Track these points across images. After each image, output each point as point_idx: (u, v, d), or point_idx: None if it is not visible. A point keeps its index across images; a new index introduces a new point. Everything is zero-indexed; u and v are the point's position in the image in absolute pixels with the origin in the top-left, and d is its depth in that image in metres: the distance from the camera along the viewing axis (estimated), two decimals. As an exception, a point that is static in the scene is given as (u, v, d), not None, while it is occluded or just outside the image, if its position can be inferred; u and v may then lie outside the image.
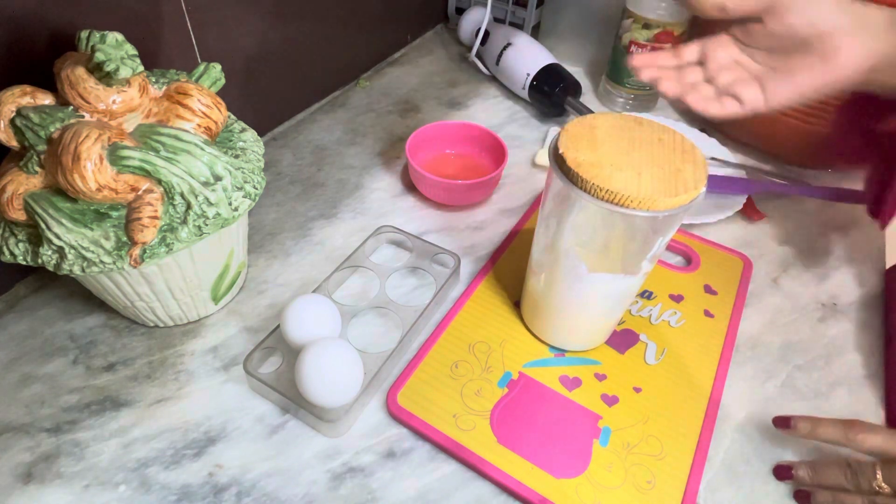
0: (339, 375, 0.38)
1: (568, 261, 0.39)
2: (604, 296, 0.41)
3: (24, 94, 0.36)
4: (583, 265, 0.38)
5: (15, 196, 0.36)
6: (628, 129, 0.37)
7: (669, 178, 0.33)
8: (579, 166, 0.33)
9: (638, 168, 0.34)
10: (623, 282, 0.39)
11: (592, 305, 0.42)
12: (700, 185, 0.33)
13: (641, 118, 0.38)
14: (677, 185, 0.33)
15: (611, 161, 0.34)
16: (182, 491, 0.37)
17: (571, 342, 0.45)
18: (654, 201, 0.32)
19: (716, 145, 0.66)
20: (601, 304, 0.42)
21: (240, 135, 0.43)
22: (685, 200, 0.33)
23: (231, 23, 0.55)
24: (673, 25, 0.66)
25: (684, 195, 0.32)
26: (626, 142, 0.36)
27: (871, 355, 0.47)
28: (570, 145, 0.35)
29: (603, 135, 0.36)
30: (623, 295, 0.41)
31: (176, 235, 0.37)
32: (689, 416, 0.41)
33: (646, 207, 0.32)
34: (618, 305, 0.42)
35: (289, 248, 0.53)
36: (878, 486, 0.35)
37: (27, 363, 0.43)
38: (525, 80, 0.71)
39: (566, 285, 0.40)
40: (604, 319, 0.44)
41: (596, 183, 0.32)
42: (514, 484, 0.37)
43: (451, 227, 0.57)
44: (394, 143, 0.67)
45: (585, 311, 0.42)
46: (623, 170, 0.33)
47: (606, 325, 0.45)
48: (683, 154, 0.35)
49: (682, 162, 0.34)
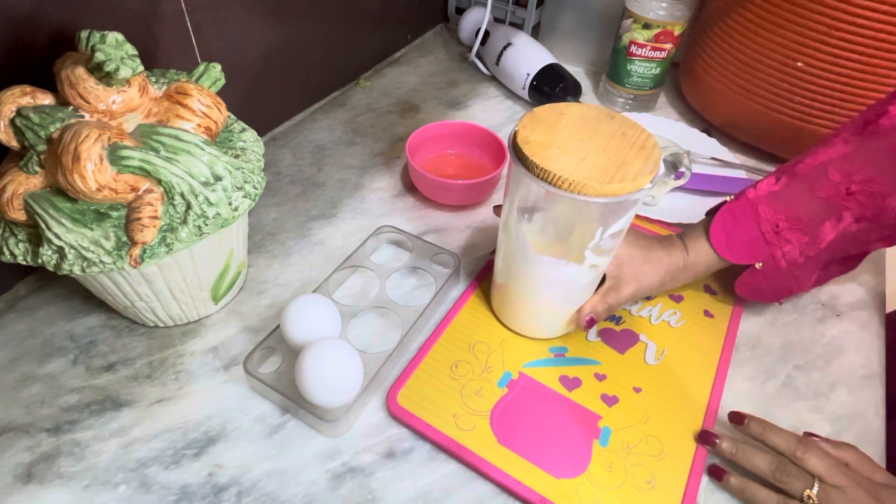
0: (339, 375, 0.38)
1: (517, 240, 0.40)
2: (549, 281, 0.41)
3: (24, 94, 0.36)
4: (529, 246, 0.39)
5: (15, 196, 0.36)
6: (597, 120, 0.37)
7: (611, 168, 0.34)
8: (526, 144, 0.35)
9: (584, 154, 0.34)
10: (566, 269, 0.40)
11: (540, 289, 0.42)
12: (640, 181, 0.33)
13: (617, 114, 0.38)
14: (615, 175, 0.33)
15: (560, 145, 0.35)
16: (182, 491, 0.37)
17: (527, 327, 0.46)
18: (584, 186, 0.33)
19: (716, 145, 0.66)
20: (548, 290, 0.42)
21: (240, 135, 0.43)
22: (617, 191, 0.33)
23: (231, 23, 0.55)
24: (673, 25, 0.66)
25: (618, 185, 0.33)
26: (588, 131, 0.36)
27: (871, 355, 0.47)
28: (528, 125, 0.36)
29: (567, 121, 0.37)
30: (569, 284, 0.41)
31: (176, 235, 0.37)
32: (689, 416, 0.41)
33: (576, 191, 0.33)
34: (565, 295, 0.43)
35: (289, 248, 0.53)
36: (809, 496, 0.35)
37: (27, 363, 0.43)
38: (525, 80, 0.71)
39: (517, 266, 0.42)
40: (554, 307, 0.44)
41: (535, 161, 0.34)
42: (514, 484, 0.37)
43: (451, 227, 0.57)
44: (394, 143, 0.67)
45: (535, 296, 0.43)
46: (568, 154, 0.34)
47: (558, 315, 0.45)
48: (640, 150, 0.35)
49: (633, 157, 0.35)
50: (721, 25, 0.64)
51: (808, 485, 0.36)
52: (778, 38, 0.58)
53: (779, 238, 0.44)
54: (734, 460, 0.38)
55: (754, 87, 0.62)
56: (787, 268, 0.45)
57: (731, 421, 0.40)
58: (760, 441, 0.38)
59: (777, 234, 0.44)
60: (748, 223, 0.45)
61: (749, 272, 0.46)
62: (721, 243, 0.45)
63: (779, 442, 0.37)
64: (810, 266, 0.45)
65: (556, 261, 0.39)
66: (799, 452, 0.36)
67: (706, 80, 0.68)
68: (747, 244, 0.45)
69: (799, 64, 0.58)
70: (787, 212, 0.44)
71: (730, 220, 0.46)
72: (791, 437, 0.37)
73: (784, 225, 0.44)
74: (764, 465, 0.37)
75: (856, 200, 0.42)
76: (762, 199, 0.45)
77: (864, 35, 0.53)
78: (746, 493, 0.37)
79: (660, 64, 0.70)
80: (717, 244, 0.45)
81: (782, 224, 0.44)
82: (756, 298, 0.49)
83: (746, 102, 0.64)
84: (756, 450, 0.38)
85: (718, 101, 0.68)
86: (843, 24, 0.54)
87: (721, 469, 0.38)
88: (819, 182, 0.43)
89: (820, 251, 0.44)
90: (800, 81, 0.59)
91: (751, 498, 0.37)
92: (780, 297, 0.49)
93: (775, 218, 0.44)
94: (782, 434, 0.38)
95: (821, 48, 0.56)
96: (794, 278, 0.46)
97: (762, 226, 0.44)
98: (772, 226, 0.44)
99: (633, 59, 0.69)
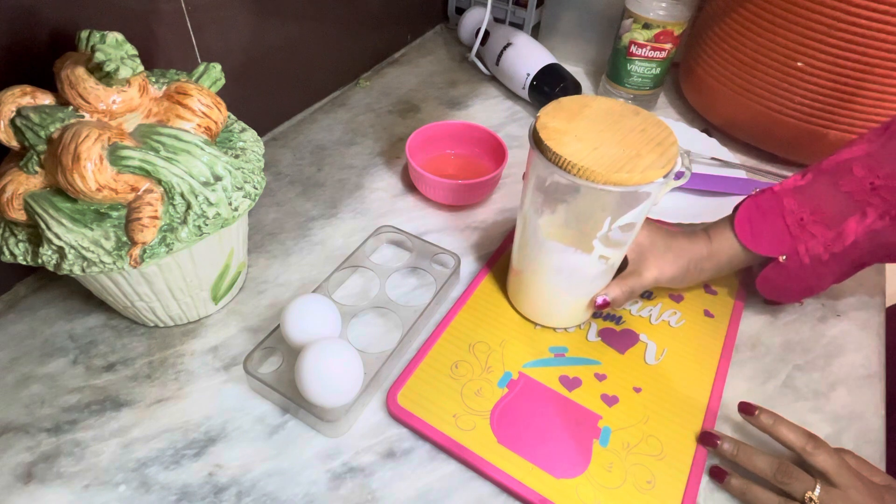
0: (339, 375, 0.38)
1: (530, 224, 0.41)
2: (558, 268, 0.42)
3: (24, 94, 0.36)
4: (540, 230, 0.40)
5: (15, 196, 0.36)
6: (620, 115, 0.38)
7: (623, 158, 0.34)
8: (544, 129, 0.36)
9: (598, 144, 0.35)
10: (574, 257, 0.40)
11: (550, 276, 0.43)
12: (651, 174, 0.34)
13: (643, 111, 0.38)
14: (625, 166, 0.34)
15: (577, 133, 0.36)
16: (182, 491, 0.37)
17: (538, 315, 0.47)
18: (591, 172, 0.33)
19: (716, 145, 0.66)
20: (557, 277, 0.43)
21: (240, 135, 0.43)
22: (625, 181, 0.34)
23: (231, 23, 0.55)
24: (673, 25, 0.66)
25: (626, 175, 0.33)
26: (608, 123, 0.37)
27: (871, 355, 0.47)
28: (550, 112, 0.37)
29: (590, 112, 0.38)
30: (577, 273, 0.42)
31: (176, 235, 0.37)
32: (689, 416, 0.41)
33: (584, 177, 0.34)
34: (574, 283, 0.43)
35: (289, 248, 0.53)
36: (811, 498, 0.35)
37: (27, 363, 0.43)
38: (525, 80, 0.71)
39: (529, 252, 0.43)
40: (564, 294, 0.44)
41: (549, 145, 0.35)
42: (514, 484, 0.37)
43: (451, 227, 0.57)
44: (394, 143, 0.67)
45: (546, 283, 0.44)
46: (583, 141, 0.35)
47: (568, 303, 0.45)
48: (657, 146, 0.36)
49: (648, 151, 0.35)
50: (721, 25, 0.64)
51: (809, 486, 0.35)
52: (778, 38, 0.58)
53: (803, 231, 0.44)
54: (735, 461, 0.38)
55: (754, 87, 0.62)
56: (811, 264, 0.44)
57: (741, 411, 0.39)
58: (770, 434, 0.38)
59: (802, 228, 0.44)
60: (773, 215, 0.45)
61: (771, 267, 0.46)
62: (746, 234, 0.45)
63: (789, 436, 0.37)
64: (834, 265, 0.44)
65: (564, 248, 0.40)
66: (809, 447, 0.36)
67: (706, 80, 0.68)
68: (772, 236, 0.45)
69: (799, 64, 0.58)
70: (812, 205, 0.44)
71: (755, 211, 0.45)
72: (801, 433, 0.37)
73: (809, 218, 0.44)
74: (765, 466, 0.37)
75: (879, 196, 0.41)
76: (788, 192, 0.45)
77: (864, 35, 0.53)
78: (748, 495, 0.37)
79: (660, 64, 0.70)
80: (742, 234, 0.45)
81: (807, 217, 0.44)
82: (777, 297, 0.48)
83: (746, 102, 0.64)
84: (757, 451, 0.38)
85: (718, 101, 0.68)
86: (843, 24, 0.54)
87: (722, 470, 0.38)
88: (843, 177, 0.43)
89: (845, 248, 0.43)
90: (800, 81, 0.59)
91: (752, 499, 0.37)
92: (802, 297, 0.48)
93: (800, 211, 0.44)
94: (793, 428, 0.37)
95: (821, 48, 0.56)
96: (816, 276, 0.45)
97: (787, 218, 0.44)
98: (796, 219, 0.44)
99: (633, 59, 0.69)
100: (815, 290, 0.47)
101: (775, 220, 0.45)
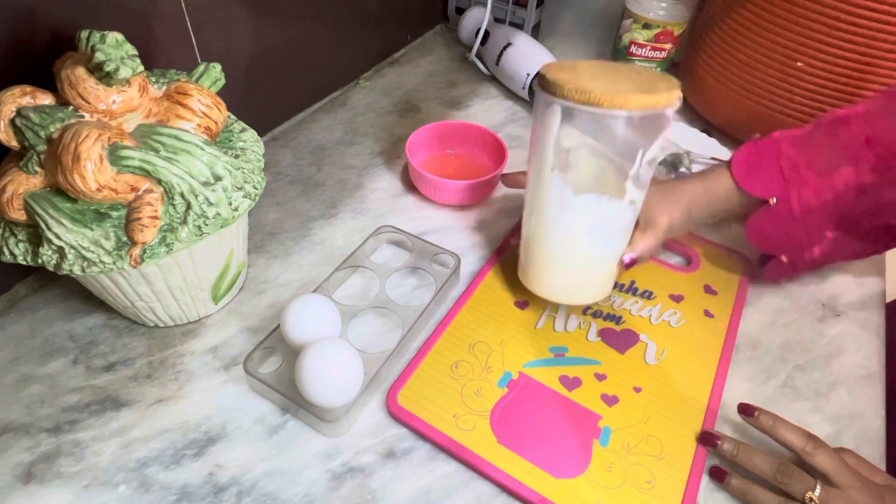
0: (339, 375, 0.38)
1: (554, 188, 0.41)
2: (592, 225, 0.42)
3: (24, 94, 0.36)
4: (568, 188, 0.40)
5: (15, 196, 0.36)
6: (613, 66, 0.42)
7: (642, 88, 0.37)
8: (558, 78, 0.37)
9: (612, 82, 0.38)
10: (609, 206, 0.41)
11: (582, 237, 0.43)
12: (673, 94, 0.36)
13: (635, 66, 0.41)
14: (650, 90, 0.36)
15: (587, 79, 0.38)
16: (182, 491, 0.37)
17: (567, 291, 0.46)
18: (626, 100, 0.35)
19: (716, 145, 0.66)
20: (589, 236, 0.43)
21: (240, 135, 0.43)
22: (655, 102, 0.35)
23: (231, 23, 0.55)
24: (673, 25, 0.66)
25: (654, 96, 0.35)
26: (608, 71, 0.41)
27: (871, 355, 0.47)
28: (552, 69, 0.39)
29: (587, 67, 0.41)
30: (611, 225, 0.42)
31: (176, 235, 0.37)
32: (689, 416, 0.41)
33: (619, 106, 0.35)
34: (608, 239, 0.43)
35: (289, 248, 0.53)
36: (811, 498, 0.35)
37: (27, 363, 0.43)
38: (525, 80, 0.71)
39: (554, 217, 0.42)
40: (597, 260, 0.44)
41: (571, 87, 0.36)
42: (514, 484, 0.37)
43: (451, 227, 0.57)
44: (394, 143, 0.67)
45: (576, 249, 0.43)
46: (597, 80, 0.38)
47: (601, 269, 0.45)
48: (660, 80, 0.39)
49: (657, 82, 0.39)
50: (721, 25, 0.64)
51: (809, 487, 0.35)
52: (778, 38, 0.58)
53: (796, 176, 0.45)
54: (735, 461, 0.38)
55: (754, 87, 0.62)
56: (800, 214, 0.45)
57: (741, 412, 0.39)
58: (769, 434, 0.38)
59: (796, 173, 0.45)
60: (770, 158, 0.46)
61: (762, 212, 0.47)
62: (741, 171, 0.47)
63: (789, 436, 0.37)
64: (823, 216, 0.45)
65: (598, 198, 0.40)
66: (809, 448, 0.36)
67: (706, 80, 0.68)
68: (765, 177, 0.46)
69: (799, 64, 0.58)
70: (808, 154, 0.45)
71: (753, 152, 0.47)
72: (801, 433, 0.37)
73: (803, 164, 0.45)
74: (765, 466, 0.37)
75: (872, 151, 0.43)
76: (787, 139, 0.46)
77: (864, 35, 0.53)
78: (748, 495, 0.37)
79: (660, 64, 0.70)
80: (737, 172, 0.47)
81: (801, 164, 0.45)
82: (766, 248, 0.49)
83: (746, 102, 0.64)
84: (757, 451, 0.38)
85: (718, 101, 0.68)
86: (843, 24, 0.54)
87: (722, 470, 0.38)
88: (840, 129, 0.45)
89: (836, 197, 0.44)
90: (800, 81, 0.59)
91: (752, 499, 0.37)
92: (790, 252, 0.49)
93: (796, 157, 0.45)
94: (793, 429, 0.37)
95: (821, 48, 0.56)
96: (805, 230, 0.46)
97: (782, 161, 0.46)
98: (791, 163, 0.45)
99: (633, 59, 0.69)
100: (803, 248, 0.47)
101: (771, 164, 0.46)
